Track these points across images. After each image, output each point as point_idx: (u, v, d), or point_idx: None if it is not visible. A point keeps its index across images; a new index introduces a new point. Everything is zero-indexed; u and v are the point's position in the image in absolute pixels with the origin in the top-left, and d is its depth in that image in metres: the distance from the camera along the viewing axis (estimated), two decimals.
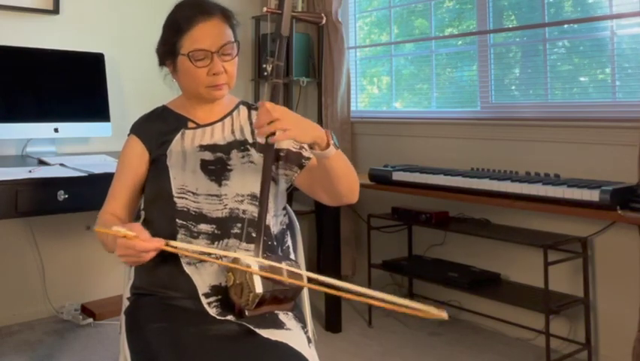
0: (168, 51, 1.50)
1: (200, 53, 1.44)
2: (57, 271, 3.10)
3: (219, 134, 1.53)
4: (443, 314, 1.05)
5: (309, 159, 1.50)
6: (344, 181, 1.40)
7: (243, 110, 1.60)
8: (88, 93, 3.01)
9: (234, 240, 1.40)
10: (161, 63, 1.56)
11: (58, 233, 3.10)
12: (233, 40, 1.48)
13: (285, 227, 1.56)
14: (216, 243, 1.40)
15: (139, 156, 1.53)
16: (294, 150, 1.51)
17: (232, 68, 1.48)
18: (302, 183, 1.52)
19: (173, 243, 1.31)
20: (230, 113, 1.57)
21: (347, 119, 3.59)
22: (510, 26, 2.99)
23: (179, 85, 1.56)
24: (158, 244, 1.27)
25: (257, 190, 1.42)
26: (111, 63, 3.14)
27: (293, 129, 1.25)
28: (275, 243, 1.47)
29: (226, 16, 1.50)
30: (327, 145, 1.31)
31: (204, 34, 1.44)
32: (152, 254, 1.28)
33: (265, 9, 1.43)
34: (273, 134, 1.26)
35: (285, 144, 1.51)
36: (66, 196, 2.12)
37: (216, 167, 1.47)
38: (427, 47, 3.40)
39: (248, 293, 1.25)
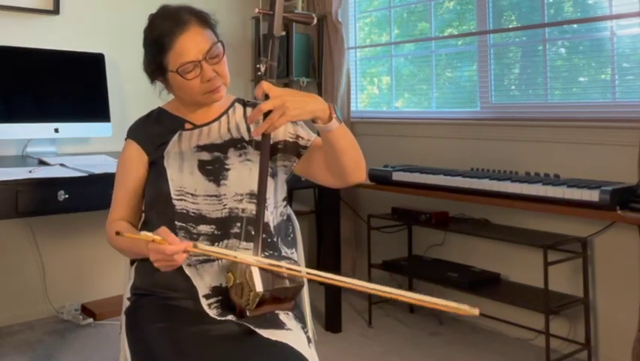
0: (156, 70, 1.49)
1: (189, 66, 1.43)
2: (57, 271, 3.10)
3: (216, 134, 1.53)
4: (475, 311, 1.01)
5: (306, 147, 1.50)
6: (349, 156, 1.38)
7: (239, 107, 1.59)
8: (88, 93, 3.01)
9: (234, 240, 1.41)
10: (152, 81, 1.55)
11: (59, 233, 3.10)
12: (216, 41, 1.47)
13: (285, 218, 1.56)
14: (216, 244, 1.40)
15: (138, 159, 1.53)
16: (290, 140, 1.51)
17: (223, 69, 1.48)
18: (302, 170, 1.52)
19: (200, 245, 1.30)
20: (225, 112, 1.57)
21: (347, 120, 3.59)
22: (510, 26, 2.99)
23: (176, 97, 1.56)
24: (186, 245, 1.26)
25: (256, 188, 1.42)
26: (111, 63, 3.15)
27: (290, 109, 1.25)
28: (275, 238, 1.47)
29: (202, 19, 1.48)
30: (330, 118, 1.31)
31: (187, 47, 1.42)
32: (184, 256, 1.27)
33: (257, 10, 1.43)
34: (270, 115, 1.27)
35: (281, 135, 1.51)
36: (66, 196, 2.12)
37: (214, 167, 1.47)
38: (427, 47, 3.40)
39: (248, 293, 1.26)
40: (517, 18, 2.97)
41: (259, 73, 1.36)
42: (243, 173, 1.46)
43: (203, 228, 1.41)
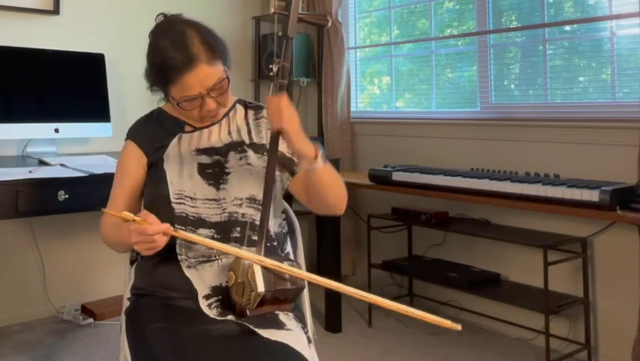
0: (158, 89, 1.49)
1: (190, 99, 1.43)
2: (57, 271, 3.10)
3: (216, 137, 1.52)
4: (457, 327, 1.09)
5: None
6: (331, 193, 1.43)
7: (240, 109, 1.59)
8: (88, 93, 3.01)
9: (234, 244, 1.40)
10: (152, 90, 1.52)
11: (59, 233, 3.10)
12: (223, 76, 1.44)
13: (285, 231, 1.56)
14: None
15: (137, 160, 1.53)
16: (287, 154, 1.52)
17: (224, 98, 1.48)
18: (296, 191, 1.54)
19: (179, 228, 1.33)
20: (227, 114, 1.57)
21: (347, 120, 3.60)
22: (510, 26, 3.00)
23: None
24: (166, 227, 1.28)
25: (255, 193, 1.43)
26: (111, 63, 3.15)
27: (291, 125, 1.32)
28: (275, 244, 1.47)
29: (212, 52, 1.41)
30: (315, 157, 1.35)
31: (192, 84, 1.40)
32: (165, 239, 1.29)
33: (272, 9, 1.42)
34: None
35: (280, 147, 1.52)
36: (66, 196, 2.13)
37: (214, 170, 1.47)
38: (426, 48, 3.40)
39: (250, 292, 1.26)
40: (517, 18, 2.97)
41: (271, 73, 1.37)
42: (242, 177, 1.46)
43: (203, 232, 1.41)
